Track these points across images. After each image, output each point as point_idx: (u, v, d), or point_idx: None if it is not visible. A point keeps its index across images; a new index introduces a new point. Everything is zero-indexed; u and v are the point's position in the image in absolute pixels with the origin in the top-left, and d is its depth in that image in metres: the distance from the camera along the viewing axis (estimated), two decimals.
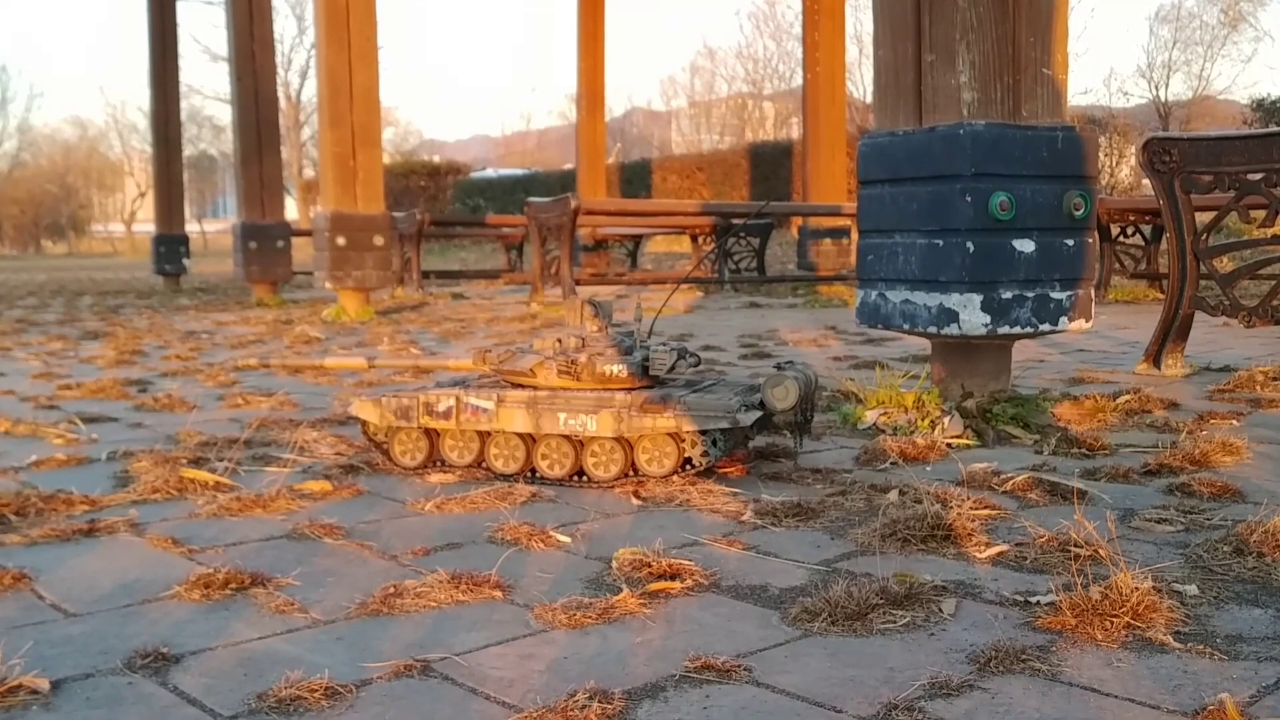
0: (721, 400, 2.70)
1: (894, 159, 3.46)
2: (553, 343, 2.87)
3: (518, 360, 2.85)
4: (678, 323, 8.26)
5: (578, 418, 2.70)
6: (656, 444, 2.72)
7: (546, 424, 2.72)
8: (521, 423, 2.74)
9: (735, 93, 52.84)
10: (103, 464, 2.99)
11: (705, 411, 2.67)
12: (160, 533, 2.26)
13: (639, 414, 2.68)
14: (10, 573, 1.95)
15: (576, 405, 2.72)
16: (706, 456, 2.71)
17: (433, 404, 2.80)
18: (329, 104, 8.51)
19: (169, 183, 15.49)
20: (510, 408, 2.76)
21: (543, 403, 2.74)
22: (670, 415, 2.67)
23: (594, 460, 2.74)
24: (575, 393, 2.76)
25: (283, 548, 2.17)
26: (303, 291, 13.74)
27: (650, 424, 2.68)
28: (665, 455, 2.71)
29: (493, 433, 2.80)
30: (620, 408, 2.69)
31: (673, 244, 21.57)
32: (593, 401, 2.72)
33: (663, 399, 2.70)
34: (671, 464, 2.71)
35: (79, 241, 66.33)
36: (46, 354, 6.17)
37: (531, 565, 2.04)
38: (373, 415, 2.86)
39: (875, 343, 6.34)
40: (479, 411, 2.77)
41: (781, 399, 2.75)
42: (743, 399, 2.72)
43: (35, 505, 2.42)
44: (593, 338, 2.87)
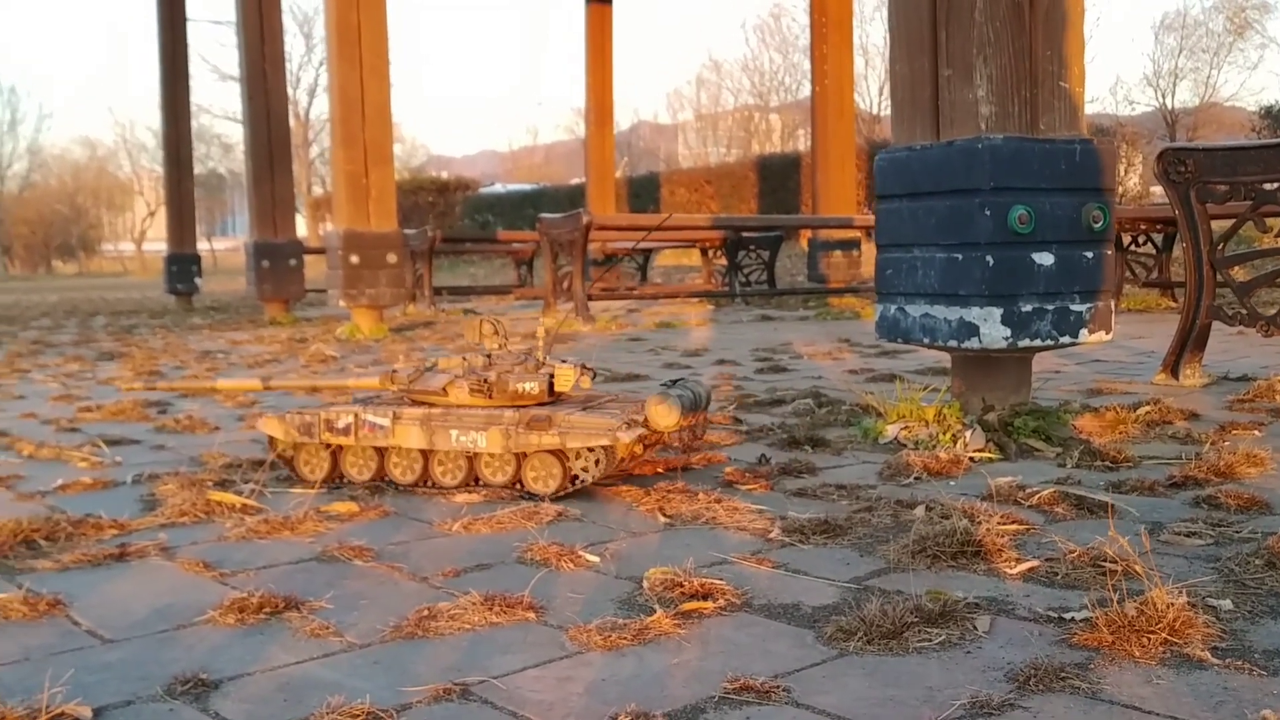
0: (604, 419, 2.78)
1: (912, 173, 3.47)
2: (459, 361, 2.98)
3: (429, 380, 2.95)
4: (691, 337, 8.27)
5: (469, 434, 2.83)
6: (543, 461, 2.82)
7: (440, 440, 2.85)
8: (416, 439, 2.87)
9: (741, 105, 52.99)
10: (128, 487, 3.00)
11: (588, 429, 2.77)
12: (191, 556, 2.27)
13: (525, 430, 2.79)
14: (45, 599, 1.95)
15: (468, 422, 2.84)
16: (588, 473, 2.80)
17: (333, 421, 2.92)
18: (341, 122, 8.55)
19: (180, 202, 15.56)
20: (406, 424, 2.88)
21: (436, 420, 2.86)
22: (554, 433, 2.78)
23: (488, 470, 2.87)
24: (467, 410, 2.87)
25: (313, 570, 2.17)
26: (314, 309, 13.78)
27: (536, 440, 2.79)
28: (551, 473, 2.81)
29: (390, 448, 2.92)
30: (508, 424, 2.80)
31: (681, 257, 21.59)
32: (483, 419, 2.83)
33: (548, 417, 2.79)
34: (557, 482, 2.81)
35: (89, 261, 66.65)
36: (64, 375, 6.19)
37: (563, 586, 2.05)
38: (278, 431, 2.99)
39: (890, 355, 6.33)
40: (376, 428, 2.89)
41: (663, 417, 2.84)
42: (626, 418, 2.80)
43: (65, 530, 2.43)
44: (499, 356, 2.99)
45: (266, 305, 11.41)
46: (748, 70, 50.97)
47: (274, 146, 11.14)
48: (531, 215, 31.33)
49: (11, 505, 2.79)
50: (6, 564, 2.23)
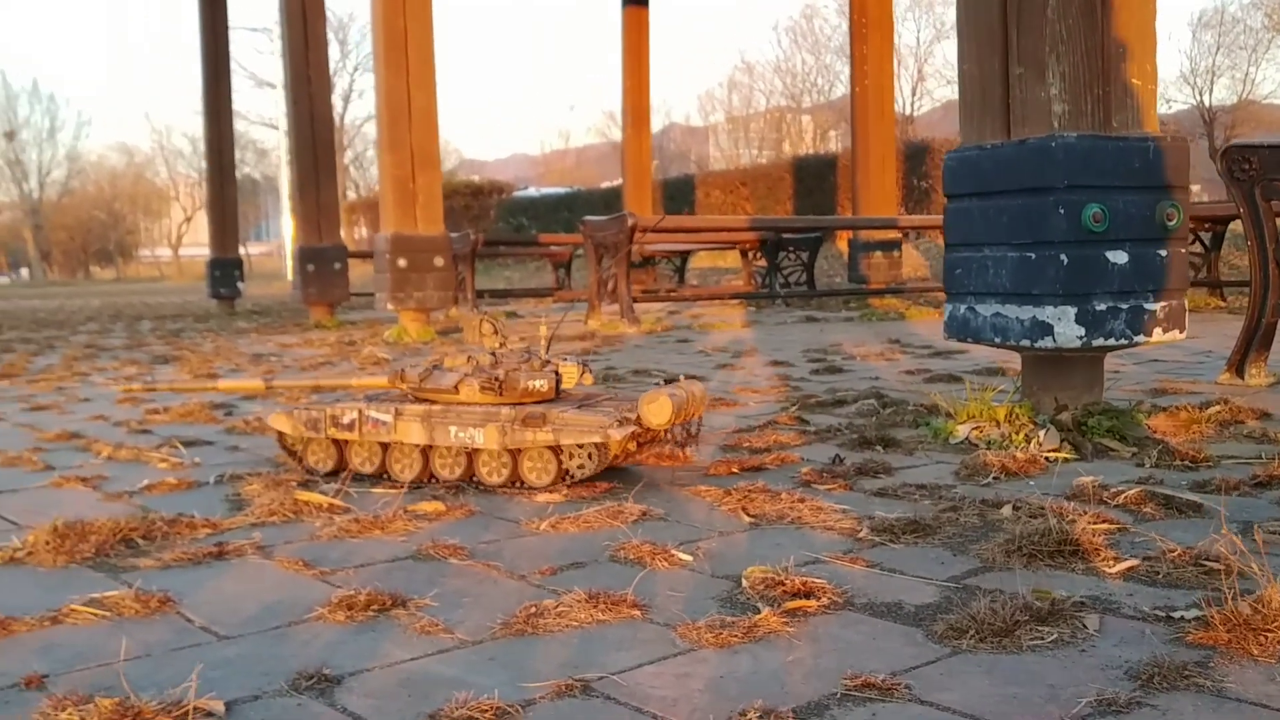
0: (597, 416, 2.84)
1: (982, 172, 3.46)
2: (465, 360, 3.05)
3: (439, 378, 3.01)
4: (738, 338, 8.27)
5: (467, 430, 2.92)
6: (540, 456, 2.90)
7: (439, 436, 2.94)
8: (417, 435, 2.97)
9: (773, 106, 52.88)
10: (211, 487, 3.04)
11: (580, 426, 2.84)
12: (288, 555, 2.30)
13: (521, 428, 2.87)
14: (155, 596, 1.99)
15: (466, 419, 2.92)
16: (583, 469, 2.88)
17: (338, 417, 3.04)
18: (388, 127, 8.61)
19: (223, 207, 15.73)
20: (407, 421, 2.98)
21: (436, 417, 2.95)
22: (549, 430, 2.86)
23: (485, 468, 2.94)
24: (466, 408, 2.95)
25: (411, 569, 2.20)
26: (355, 312, 13.88)
27: (531, 437, 2.87)
28: (546, 468, 2.90)
29: (392, 444, 3.00)
30: (505, 422, 2.88)
31: (716, 259, 21.56)
32: (480, 416, 2.91)
33: (542, 415, 2.86)
34: (551, 476, 2.89)
35: (126, 266, 67.43)
36: (123, 379, 6.27)
37: (661, 584, 2.06)
38: (286, 426, 3.13)
39: (943, 355, 6.31)
40: (379, 424, 3.00)
41: (656, 415, 2.90)
42: (619, 415, 2.87)
43: (161, 529, 2.47)
44: (504, 355, 3.07)
45: (311, 309, 11.51)
46: (780, 72, 50.85)
47: (318, 152, 11.23)
48: (566, 218, 31.48)
49: (101, 505, 2.84)
50: (109, 562, 2.27)
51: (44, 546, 2.29)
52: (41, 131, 62.06)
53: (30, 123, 63.97)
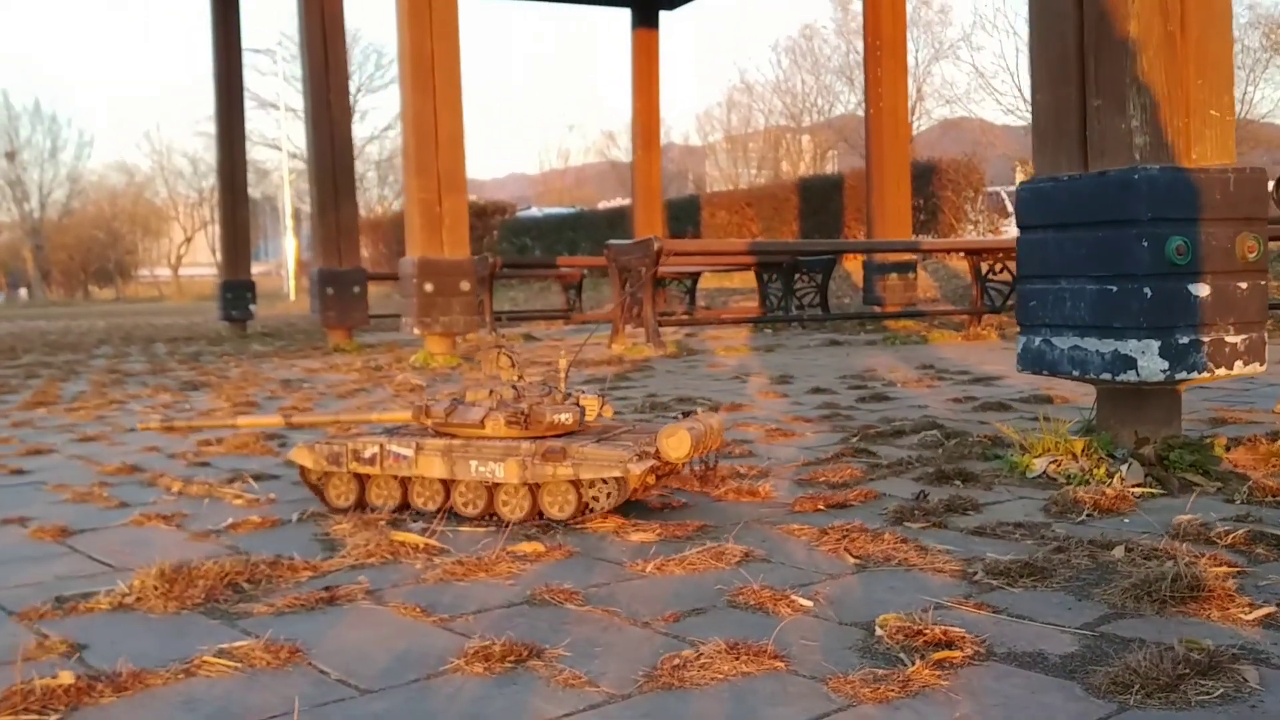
0: (617, 450, 2.85)
1: (1058, 204, 3.44)
2: (487, 394, 3.06)
3: (465, 413, 3.02)
4: (766, 362, 8.25)
5: (487, 465, 2.92)
6: (559, 489, 2.91)
7: (460, 471, 2.95)
8: (438, 469, 2.98)
9: (772, 126, 53.05)
10: (295, 525, 3.01)
11: (600, 461, 2.85)
12: (400, 600, 2.27)
13: (541, 462, 2.87)
14: (285, 646, 1.95)
15: (486, 454, 2.93)
16: (599, 503, 2.89)
17: (360, 451, 3.05)
18: (415, 151, 8.61)
19: (235, 229, 15.72)
20: (428, 455, 2.99)
21: (457, 451, 2.96)
22: (569, 464, 2.86)
23: (504, 503, 2.95)
24: (486, 442, 2.96)
25: (531, 615, 2.16)
26: (370, 334, 13.85)
27: (551, 472, 2.87)
28: (567, 502, 2.90)
29: (414, 477, 3.01)
30: (525, 456, 2.89)
31: (723, 280, 21.56)
32: (501, 450, 2.92)
33: (562, 449, 2.87)
34: (572, 509, 2.90)
35: (125, 286, 67.41)
36: (161, 406, 6.24)
37: (790, 632, 2.02)
38: (308, 460, 3.12)
39: (982, 382, 6.29)
40: (400, 459, 3.01)
41: (675, 449, 2.91)
42: (639, 449, 2.88)
43: (264, 572, 2.44)
44: (525, 388, 3.09)
45: (330, 332, 11.48)
46: (779, 91, 50.99)
47: (338, 175, 11.23)
48: (570, 239, 31.51)
49: (190, 545, 2.80)
50: (220, 608, 2.24)
51: (152, 591, 2.26)
52: (43, 152, 62.05)
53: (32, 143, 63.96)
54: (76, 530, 2.98)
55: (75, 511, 3.25)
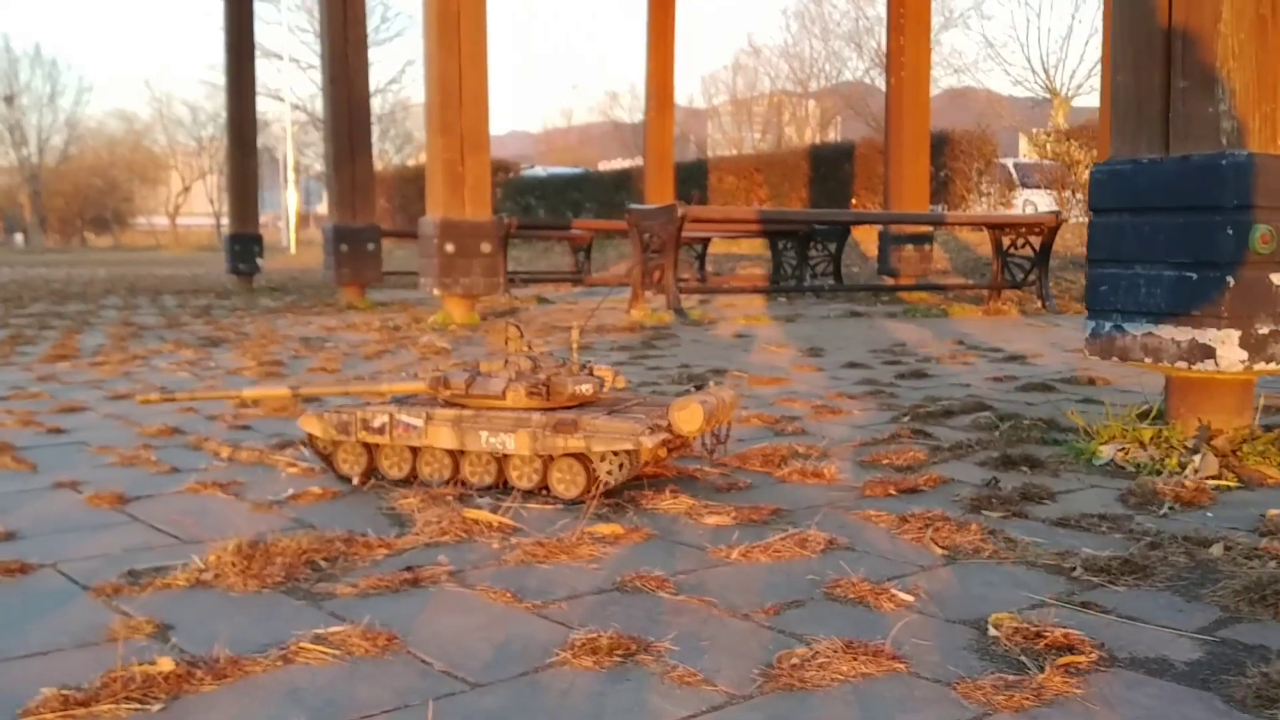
0: (629, 423, 2.82)
1: (1136, 187, 3.36)
2: (501, 365, 3.03)
3: (486, 384, 2.97)
4: (792, 333, 8.17)
5: (498, 436, 2.89)
6: (569, 464, 2.87)
7: (470, 441, 2.91)
8: (448, 439, 2.93)
9: (777, 90, 52.64)
10: (356, 497, 2.94)
11: (612, 433, 2.81)
12: (485, 583, 2.20)
13: (552, 434, 2.84)
14: (382, 633, 1.88)
15: (497, 424, 2.89)
16: (613, 476, 2.84)
17: (369, 420, 3.01)
18: (439, 110, 8.47)
19: (244, 182, 15.55)
20: (438, 425, 2.95)
21: (467, 421, 2.91)
22: (580, 436, 2.82)
23: (516, 474, 2.92)
24: (497, 412, 2.92)
25: (625, 603, 2.10)
26: (381, 292, 13.72)
27: (562, 443, 2.84)
28: (576, 476, 2.87)
29: (423, 448, 2.97)
30: (536, 428, 2.85)
31: (731, 246, 21.43)
32: (512, 421, 2.88)
33: (574, 421, 2.83)
34: (581, 486, 2.86)
35: (122, 234, 67.00)
36: (187, 364, 6.15)
37: (901, 630, 1.96)
38: (317, 429, 3.09)
39: (1016, 360, 6.22)
40: (410, 428, 2.96)
41: (687, 422, 2.88)
42: (651, 422, 2.85)
43: (340, 550, 2.37)
44: (542, 359, 3.06)
45: (343, 289, 11.37)
46: (787, 56, 50.55)
47: (354, 131, 11.08)
48: (575, 199, 31.29)
49: (254, 517, 2.73)
50: (301, 587, 2.17)
51: (230, 568, 2.19)
52: (42, 97, 61.51)
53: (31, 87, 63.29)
54: (133, 497, 2.91)
55: (126, 476, 3.18)
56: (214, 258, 37.37)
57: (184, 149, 64.35)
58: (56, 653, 1.83)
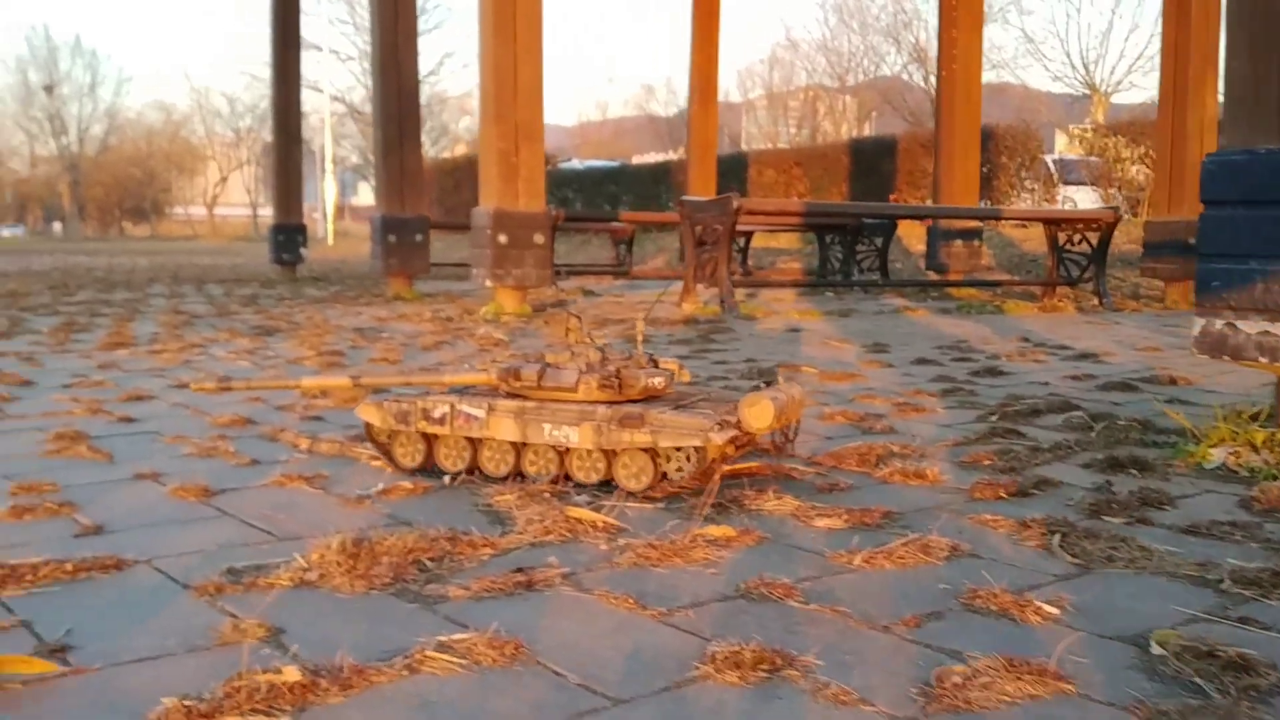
0: (697, 418, 2.72)
1: (1253, 179, 3.20)
2: (568, 356, 2.93)
3: (559, 376, 2.87)
4: (848, 328, 8.02)
5: (561, 429, 2.80)
6: (635, 458, 2.77)
7: (532, 434, 2.82)
8: (510, 431, 2.85)
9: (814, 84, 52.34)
10: (447, 492, 2.84)
11: (680, 428, 2.71)
12: (601, 586, 2.09)
13: (618, 428, 2.74)
14: (509, 641, 1.78)
15: (561, 417, 2.80)
16: (680, 473, 2.75)
17: (429, 410, 2.93)
18: (493, 99, 8.38)
19: (288, 173, 15.55)
20: (500, 416, 2.85)
21: (530, 413, 2.82)
22: (646, 431, 2.73)
23: (578, 469, 2.83)
24: (561, 405, 2.83)
25: (753, 612, 1.98)
26: (424, 284, 13.67)
27: (628, 438, 2.74)
28: (643, 471, 2.77)
29: (484, 439, 2.88)
30: (600, 421, 2.76)
31: (769, 240, 21.27)
32: (576, 414, 2.79)
33: (640, 415, 2.74)
34: (649, 479, 2.77)
35: (159, 224, 67.58)
36: (245, 352, 6.09)
37: (1051, 644, 1.83)
38: (375, 418, 3.01)
39: (1089, 359, 6.06)
40: (471, 419, 2.88)
41: (757, 419, 2.77)
42: (720, 418, 2.75)
43: (445, 549, 2.27)
44: (609, 351, 2.97)
45: (390, 280, 11.32)
46: (824, 49, 50.22)
47: (403, 120, 11.01)
48: (613, 192, 31.20)
49: (345, 512, 2.64)
50: (410, 589, 2.07)
51: (336, 568, 2.09)
52: (82, 87, 62.05)
53: (71, 77, 63.82)
54: (218, 490, 2.82)
55: (206, 468, 3.10)
56: (251, 248, 37.60)
57: (221, 140, 64.82)
58: (167, 657, 1.74)
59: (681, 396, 3.03)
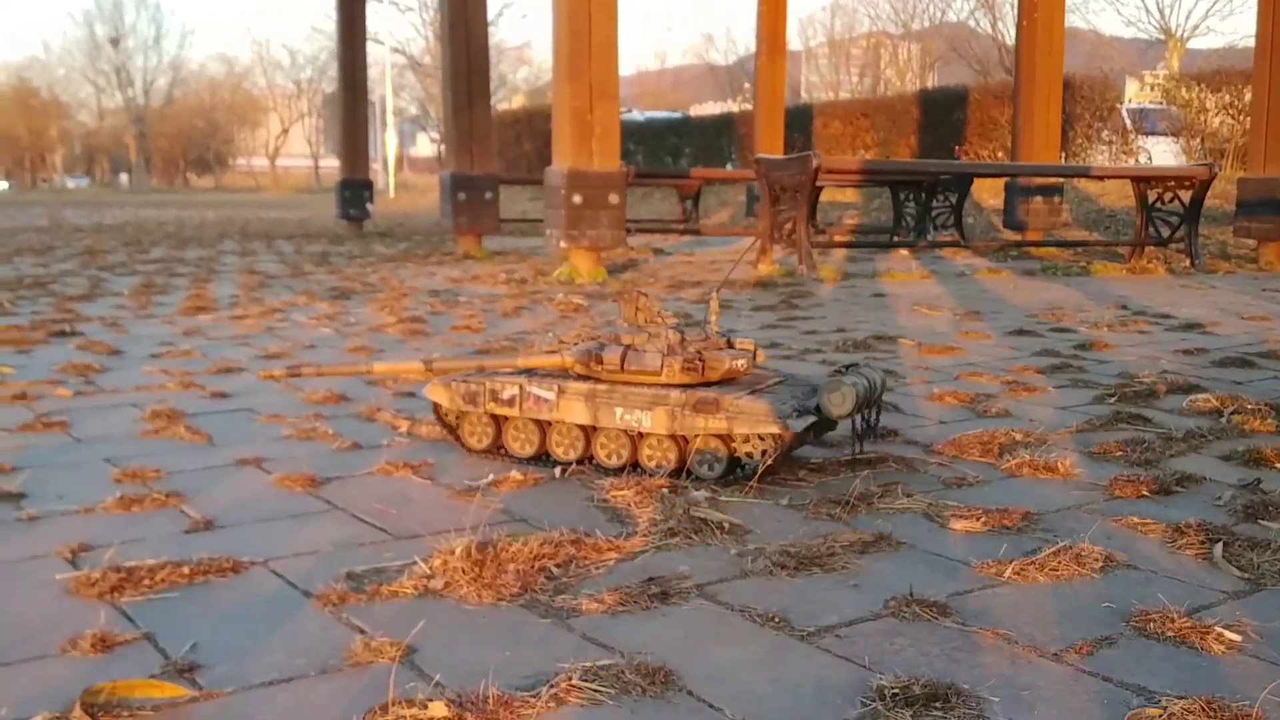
0: (774, 404, 2.61)
1: None
2: (645, 338, 2.82)
3: (642, 359, 2.76)
4: (931, 293, 7.80)
5: (633, 413, 2.70)
6: (708, 445, 2.67)
7: (604, 417, 2.73)
8: (580, 414, 2.75)
9: (877, 31, 51.30)
10: (558, 484, 2.73)
11: (757, 415, 2.61)
12: (738, 600, 1.97)
13: (692, 413, 2.64)
14: (658, 668, 1.67)
15: (633, 401, 2.70)
16: (752, 459, 2.65)
17: (498, 391, 2.85)
18: (568, 56, 8.20)
19: (355, 128, 15.51)
20: (570, 399, 2.76)
21: (601, 396, 2.72)
22: (722, 416, 2.63)
23: (649, 454, 2.73)
24: (633, 388, 2.72)
25: (909, 635, 1.85)
26: (493, 241, 13.58)
27: (703, 424, 2.64)
28: (717, 459, 2.67)
29: (553, 422, 2.79)
30: (674, 406, 2.66)
31: (834, 195, 20.89)
32: (649, 398, 2.69)
33: (716, 400, 2.63)
34: (723, 467, 2.67)
35: (222, 175, 68.26)
36: (326, 318, 6.04)
37: (1242, 680, 1.68)
38: (443, 399, 2.94)
39: (1195, 330, 5.80)
40: (541, 401, 2.79)
41: (838, 405, 2.66)
42: (798, 404, 2.64)
43: (569, 553, 2.16)
44: (688, 333, 2.86)
45: (460, 238, 11.23)
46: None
47: (472, 77, 10.86)
48: (674, 144, 30.86)
49: (458, 505, 2.54)
50: (539, 601, 1.96)
51: (461, 575, 2.00)
52: (147, 39, 62.59)
53: (136, 30, 64.41)
54: (324, 479, 2.74)
55: (308, 453, 3.02)
56: (314, 199, 37.79)
57: (282, 91, 65.12)
58: (301, 680, 1.65)
59: (757, 380, 2.91)
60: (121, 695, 1.53)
